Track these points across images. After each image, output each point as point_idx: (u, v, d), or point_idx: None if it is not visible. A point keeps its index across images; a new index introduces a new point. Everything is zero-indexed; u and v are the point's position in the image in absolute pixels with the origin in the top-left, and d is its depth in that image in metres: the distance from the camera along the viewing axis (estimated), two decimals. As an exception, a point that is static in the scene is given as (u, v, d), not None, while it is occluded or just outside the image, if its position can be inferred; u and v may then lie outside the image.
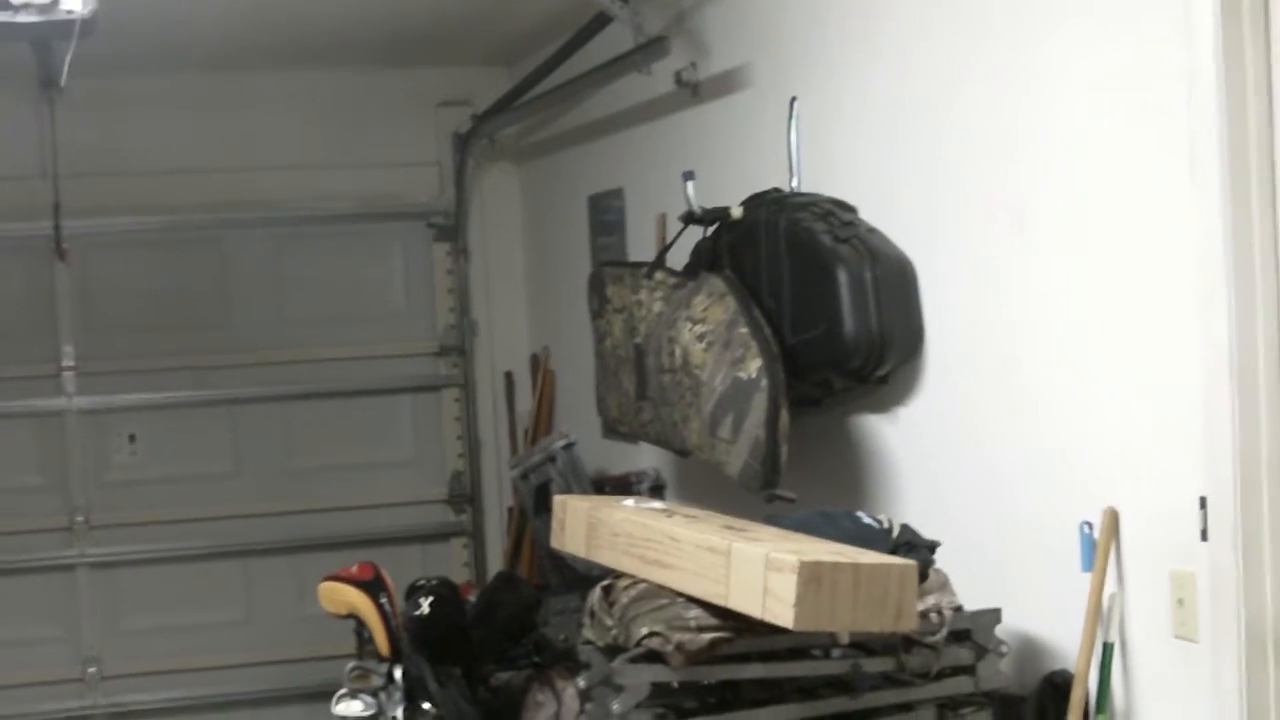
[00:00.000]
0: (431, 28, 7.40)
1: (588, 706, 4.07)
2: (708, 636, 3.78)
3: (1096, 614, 3.95)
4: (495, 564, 8.38)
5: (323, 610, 5.52)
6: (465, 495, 8.55)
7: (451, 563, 8.45)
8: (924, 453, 4.83)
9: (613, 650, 3.96)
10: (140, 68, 7.61)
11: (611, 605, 4.03)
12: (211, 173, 8.07)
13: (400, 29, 7.41)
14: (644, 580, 4.04)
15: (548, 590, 5.85)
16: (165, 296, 8.13)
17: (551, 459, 6.57)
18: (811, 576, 3.44)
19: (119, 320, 8.07)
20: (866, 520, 4.27)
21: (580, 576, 5.63)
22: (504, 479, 8.35)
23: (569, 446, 6.51)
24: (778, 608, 3.48)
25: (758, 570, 3.55)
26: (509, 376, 8.52)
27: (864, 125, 5.03)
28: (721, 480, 5.05)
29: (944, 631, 3.93)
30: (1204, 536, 3.67)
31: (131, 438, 8.14)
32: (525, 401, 8.41)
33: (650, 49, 6.00)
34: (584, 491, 6.29)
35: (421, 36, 7.58)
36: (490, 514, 8.57)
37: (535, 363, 8.35)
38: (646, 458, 6.62)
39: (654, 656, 3.82)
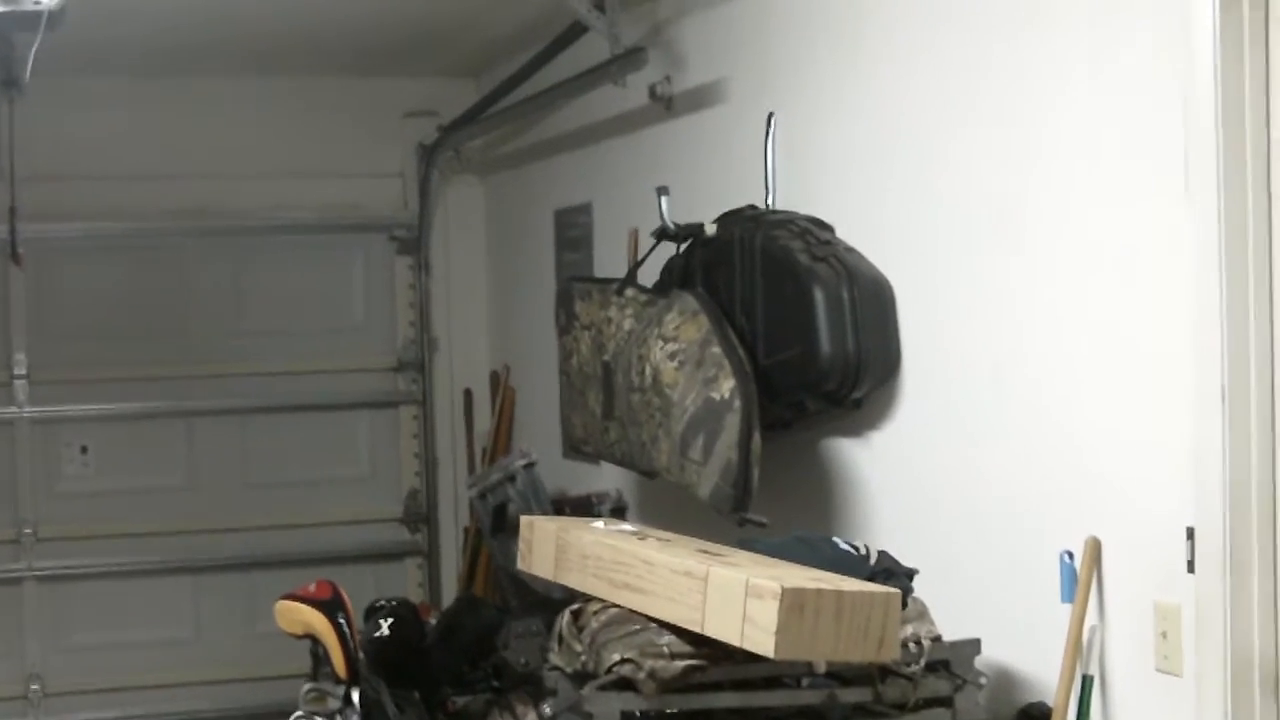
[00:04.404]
0: (400, 37, 7.32)
1: (552, 734, 3.95)
2: (681, 664, 3.66)
3: (1077, 646, 3.86)
4: (450, 584, 8.29)
5: (273, 629, 5.38)
6: (421, 514, 8.43)
7: (405, 583, 8.34)
8: (898, 478, 4.74)
9: (581, 677, 3.84)
10: (102, 69, 7.50)
11: (581, 630, 3.92)
12: (173, 179, 7.95)
13: (369, 38, 7.32)
14: (615, 605, 3.92)
15: (508, 613, 5.72)
16: (122, 305, 8.01)
17: (511, 478, 6.44)
18: (794, 604, 3.32)
19: (73, 328, 7.93)
20: (844, 546, 4.16)
21: (541, 599, 5.52)
22: (460, 498, 8.23)
23: (529, 466, 6.38)
24: (758, 635, 3.37)
25: (737, 596, 3.43)
26: (468, 394, 8.41)
27: (843, 142, 4.94)
28: (686, 503, 4.96)
29: (922, 662, 3.82)
30: (1190, 568, 3.58)
31: (83, 449, 8.00)
32: (484, 420, 8.30)
33: (627, 60, 5.89)
34: (544, 512, 6.16)
35: (389, 46, 7.50)
36: (445, 534, 8.45)
37: (495, 380, 8.24)
38: (608, 479, 6.52)
39: (625, 684, 3.70)
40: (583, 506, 6.52)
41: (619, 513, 6.39)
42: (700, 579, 3.59)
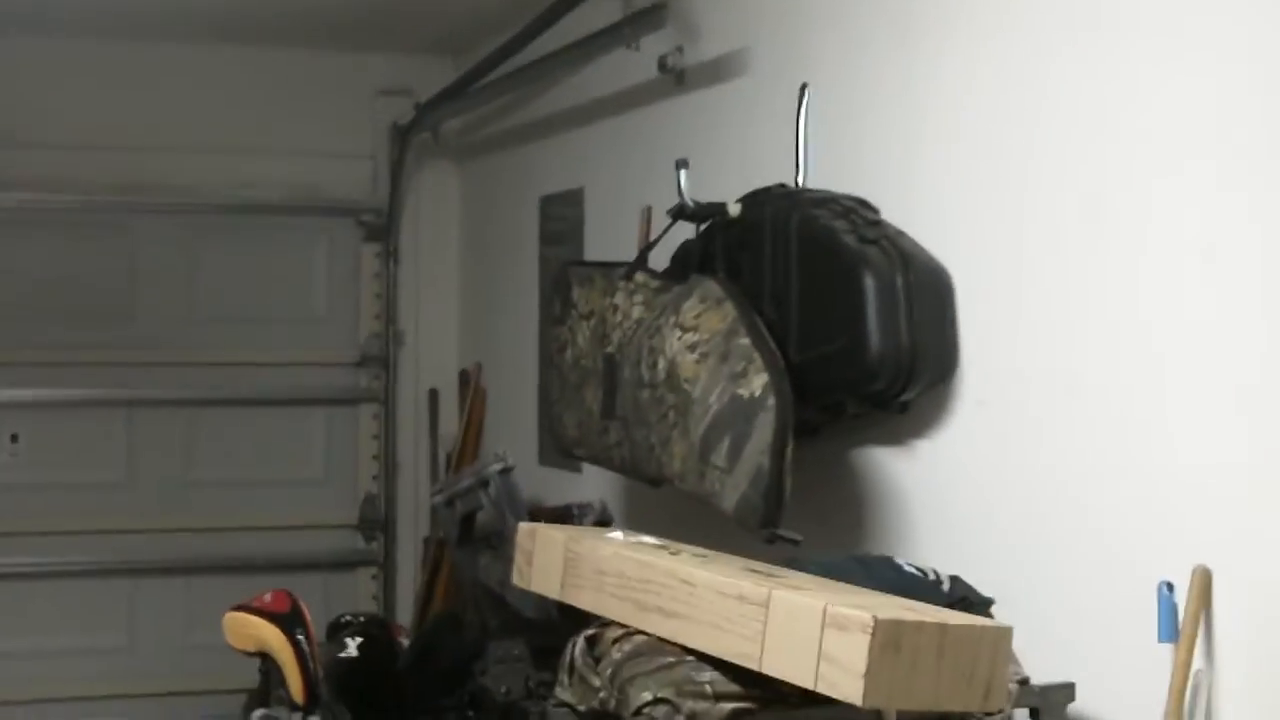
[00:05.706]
0: (376, 9, 6.90)
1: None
2: (729, 706, 3.08)
3: (1181, 695, 3.29)
4: (406, 598, 7.82)
5: (213, 639, 4.82)
6: (378, 521, 7.93)
7: (358, 595, 7.89)
8: (950, 494, 4.16)
9: (598, 716, 3.27)
10: (50, 30, 7.07)
11: (599, 661, 3.34)
12: (123, 150, 7.49)
13: (342, 8, 6.89)
14: (642, 632, 3.34)
15: (486, 634, 5.18)
16: (62, 283, 7.54)
17: (484, 484, 5.90)
18: (889, 639, 2.72)
19: (8, 307, 7.46)
20: (909, 569, 3.60)
21: (526, 621, 4.99)
22: (421, 505, 7.78)
23: (506, 471, 5.83)
24: (839, 677, 2.77)
25: (811, 628, 2.83)
26: (434, 394, 7.93)
27: (890, 119, 4.39)
28: (688, 518, 4.48)
29: (1009, 709, 3.25)
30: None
31: (14, 438, 7.54)
32: (449, 422, 7.83)
33: (642, 20, 5.34)
34: (519, 521, 5.64)
35: (364, 18, 7.06)
36: (404, 543, 7.97)
37: (465, 379, 7.75)
38: (589, 487, 5.97)
39: (657, 728, 3.13)
40: (561, 518, 5.97)
41: (603, 526, 5.87)
42: (759, 605, 2.99)
